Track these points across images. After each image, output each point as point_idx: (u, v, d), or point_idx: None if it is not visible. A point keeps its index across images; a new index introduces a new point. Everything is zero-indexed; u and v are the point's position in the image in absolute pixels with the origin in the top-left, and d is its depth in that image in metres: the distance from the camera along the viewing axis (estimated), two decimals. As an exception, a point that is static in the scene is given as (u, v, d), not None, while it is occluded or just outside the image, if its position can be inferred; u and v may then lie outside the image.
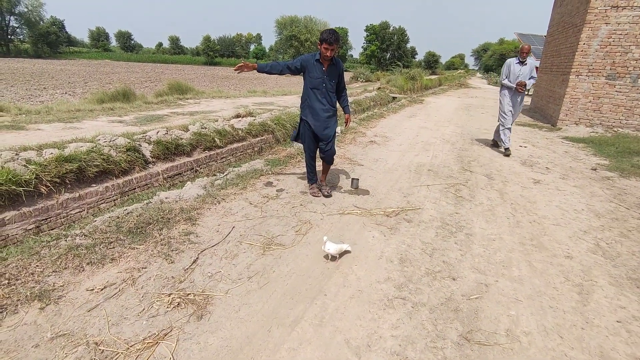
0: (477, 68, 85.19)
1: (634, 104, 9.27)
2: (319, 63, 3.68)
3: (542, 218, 3.85)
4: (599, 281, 2.70)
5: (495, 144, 7.52)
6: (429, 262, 2.86)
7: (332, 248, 2.74)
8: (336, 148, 6.59)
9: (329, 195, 4.11)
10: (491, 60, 51.56)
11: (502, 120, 6.93)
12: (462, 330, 2.13)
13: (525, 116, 12.76)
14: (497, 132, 7.27)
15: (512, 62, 6.74)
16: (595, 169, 5.95)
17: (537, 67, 18.32)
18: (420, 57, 78.22)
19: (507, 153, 6.70)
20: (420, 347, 1.98)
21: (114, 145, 5.10)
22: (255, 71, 3.71)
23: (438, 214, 3.80)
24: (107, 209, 4.36)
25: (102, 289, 2.28)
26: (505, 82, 6.85)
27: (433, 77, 33.72)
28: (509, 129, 6.86)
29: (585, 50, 9.46)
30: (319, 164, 4.28)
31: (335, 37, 3.50)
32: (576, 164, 6.27)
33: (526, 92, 6.73)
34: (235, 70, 3.63)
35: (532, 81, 6.62)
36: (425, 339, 2.04)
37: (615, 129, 9.48)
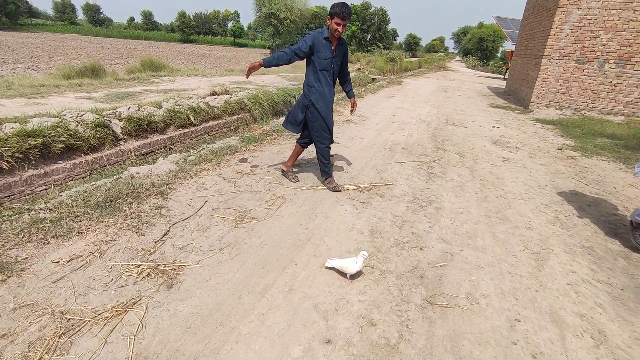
0: (456, 51, 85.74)
1: (600, 87, 9.63)
2: (328, 41, 3.33)
3: (508, 193, 4.02)
4: (554, 249, 2.87)
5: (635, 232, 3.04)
6: (398, 233, 2.95)
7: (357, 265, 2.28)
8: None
9: (298, 181, 3.85)
10: (470, 44, 51.85)
11: None
12: (426, 294, 2.23)
13: (500, 99, 13.06)
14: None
15: None
16: (561, 149, 6.20)
17: (512, 52, 18.49)
18: (401, 39, 77.94)
19: None
20: (385, 310, 2.06)
21: (82, 121, 4.92)
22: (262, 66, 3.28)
23: (410, 189, 3.90)
24: (75, 186, 4.22)
25: (68, 261, 2.24)
26: None
27: (413, 59, 33.78)
28: None
29: (557, 34, 9.68)
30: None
31: (348, 11, 3.18)
32: (544, 144, 6.51)
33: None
34: (247, 77, 3.34)
35: None
36: (391, 303, 2.13)
37: (582, 112, 9.86)
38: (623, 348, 1.91)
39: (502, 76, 26.03)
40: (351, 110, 3.91)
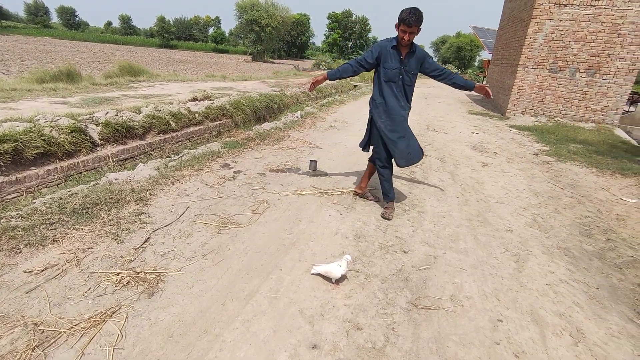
0: (435, 59, 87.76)
1: (572, 95, 10.05)
2: (396, 50, 3.06)
3: (488, 197, 4.11)
4: (533, 251, 2.95)
5: None
6: (382, 237, 2.97)
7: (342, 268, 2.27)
8: (304, 132, 6.57)
9: (378, 200, 3.60)
10: (449, 53, 53.30)
11: None
12: (411, 297, 2.25)
13: (478, 106, 13.43)
14: None
15: None
16: (537, 154, 6.41)
17: (489, 60, 19.13)
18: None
19: None
20: (371, 314, 2.06)
21: (56, 126, 4.77)
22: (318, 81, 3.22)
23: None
24: (49, 193, 4.07)
25: (42, 271, 2.15)
26: None
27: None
28: None
29: (531, 44, 10.06)
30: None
31: (416, 17, 2.86)
32: (521, 150, 6.71)
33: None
34: (310, 90, 3.27)
35: None
36: (376, 307, 2.13)
37: (556, 119, 10.24)
38: (600, 345, 1.97)
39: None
40: (487, 94, 3.24)
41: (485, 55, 36.00)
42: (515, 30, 11.54)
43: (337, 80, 16.67)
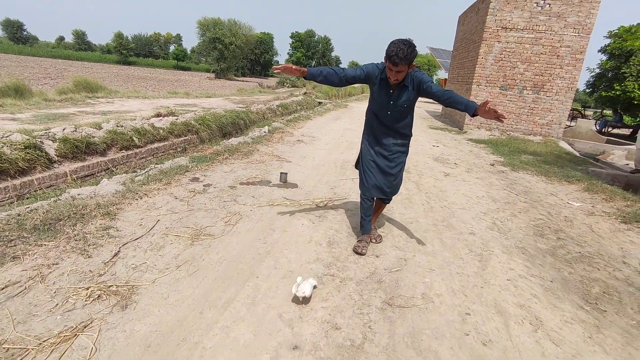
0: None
1: (521, 111, 10.88)
2: (386, 83, 2.61)
3: (451, 204, 4.35)
4: (494, 251, 3.16)
5: None
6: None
7: (307, 289, 2.16)
8: (272, 147, 6.61)
9: (378, 242, 3.10)
10: (407, 72, 55.69)
11: None
12: (385, 297, 2.34)
13: (438, 121, 14.14)
14: None
15: None
16: (493, 165, 6.86)
17: (446, 79, 20.30)
18: (344, 65, 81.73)
19: None
20: (348, 314, 2.13)
21: (8, 142, 4.53)
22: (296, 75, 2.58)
23: (362, 203, 4.07)
24: (3, 211, 3.83)
25: (2, 289, 2.02)
26: None
27: (357, 85, 35.43)
28: None
29: (483, 64, 10.85)
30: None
31: (404, 55, 2.32)
32: (478, 161, 7.15)
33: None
34: (276, 70, 2.54)
35: None
36: (353, 307, 2.20)
37: (508, 133, 11.01)
38: (556, 330, 2.15)
39: (437, 101, 28.25)
40: (499, 117, 2.47)
41: (442, 74, 38.14)
42: (469, 51, 12.40)
43: (301, 97, 16.95)
